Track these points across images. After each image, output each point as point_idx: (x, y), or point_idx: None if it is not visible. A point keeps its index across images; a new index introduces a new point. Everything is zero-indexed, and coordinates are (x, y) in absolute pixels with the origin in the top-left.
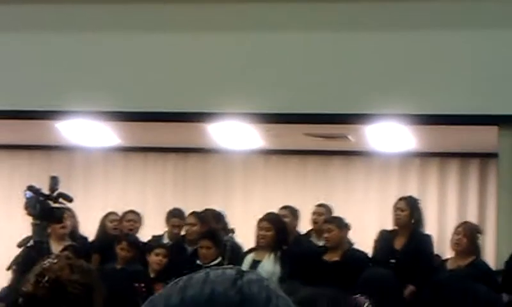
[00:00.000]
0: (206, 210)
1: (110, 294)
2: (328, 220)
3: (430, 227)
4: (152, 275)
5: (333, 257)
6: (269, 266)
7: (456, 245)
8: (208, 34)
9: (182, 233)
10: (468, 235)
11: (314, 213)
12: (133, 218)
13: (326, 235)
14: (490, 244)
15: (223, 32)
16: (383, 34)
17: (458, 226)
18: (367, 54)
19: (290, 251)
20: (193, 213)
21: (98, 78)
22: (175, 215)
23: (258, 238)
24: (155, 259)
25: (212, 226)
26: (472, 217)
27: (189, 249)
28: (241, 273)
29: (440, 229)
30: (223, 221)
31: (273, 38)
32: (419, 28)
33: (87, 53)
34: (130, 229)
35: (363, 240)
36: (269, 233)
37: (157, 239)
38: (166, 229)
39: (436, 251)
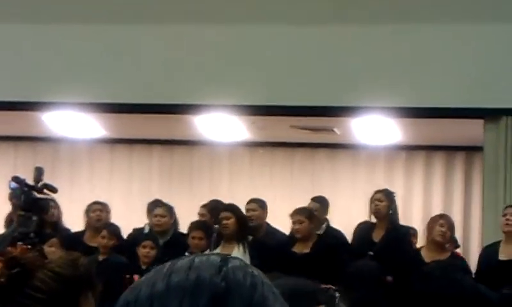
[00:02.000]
0: (212, 201)
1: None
2: (297, 211)
3: (415, 219)
4: (143, 267)
5: (303, 249)
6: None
7: (441, 237)
8: (194, 26)
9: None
10: (451, 228)
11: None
12: (99, 208)
13: (296, 226)
14: (475, 237)
15: (209, 25)
16: (369, 27)
17: (440, 218)
18: (353, 47)
19: (259, 242)
20: (163, 205)
21: (84, 70)
22: (157, 206)
23: (220, 228)
24: (143, 251)
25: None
26: (457, 210)
27: (161, 241)
28: (226, 259)
29: (425, 221)
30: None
31: (260, 31)
32: (405, 21)
33: (73, 45)
34: (98, 220)
35: (349, 232)
36: (230, 221)
37: (139, 232)
38: (147, 221)
39: (420, 243)
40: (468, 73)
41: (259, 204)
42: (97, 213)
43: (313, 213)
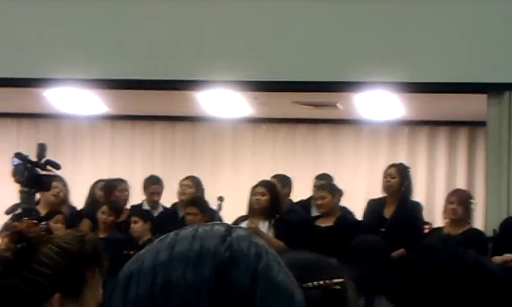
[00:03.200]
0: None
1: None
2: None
3: (419, 195)
4: (140, 243)
5: (326, 223)
6: None
7: (452, 214)
8: (197, 1)
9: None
10: (463, 203)
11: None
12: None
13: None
14: (479, 212)
15: (212, 0)
16: (373, 2)
17: (451, 195)
18: (357, 22)
19: (283, 219)
20: (189, 177)
21: (86, 46)
22: (153, 183)
23: (253, 203)
24: (133, 226)
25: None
26: (460, 185)
27: (181, 214)
28: (230, 229)
29: (428, 196)
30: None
31: (263, 6)
32: None
33: (75, 21)
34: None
35: (353, 207)
36: (264, 198)
37: (137, 207)
38: (144, 197)
39: (425, 218)
40: (471, 48)
41: (279, 180)
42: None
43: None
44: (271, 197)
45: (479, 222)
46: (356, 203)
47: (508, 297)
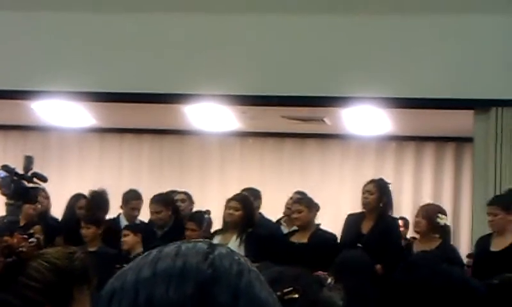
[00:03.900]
0: (245, 189)
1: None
2: (297, 200)
3: (405, 210)
4: (131, 256)
5: (300, 238)
6: (233, 248)
7: (415, 227)
8: (185, 15)
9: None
10: (426, 216)
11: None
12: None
13: (295, 215)
14: (465, 227)
15: (201, 14)
16: (361, 17)
17: (419, 209)
18: (344, 37)
19: (255, 233)
20: (156, 199)
21: (74, 59)
22: (134, 198)
23: (225, 216)
24: (124, 239)
25: (253, 204)
26: (447, 201)
27: (159, 232)
28: (212, 247)
29: (415, 212)
30: (260, 199)
31: (251, 20)
32: (396, 12)
33: (64, 33)
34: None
35: (339, 222)
36: (237, 213)
37: (112, 221)
38: (121, 211)
39: (410, 234)
40: (458, 64)
41: (252, 193)
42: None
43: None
44: (245, 212)
45: (464, 237)
46: (342, 217)
47: None
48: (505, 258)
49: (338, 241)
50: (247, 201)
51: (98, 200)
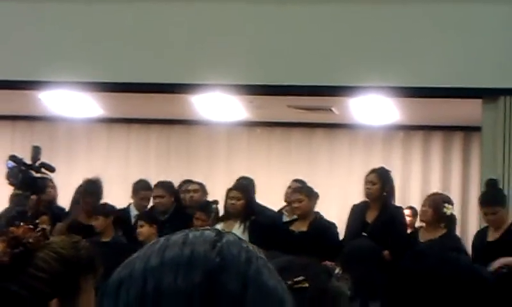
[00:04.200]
0: (240, 178)
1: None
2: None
3: (413, 199)
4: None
5: (300, 227)
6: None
7: (422, 216)
8: (192, 4)
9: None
10: (433, 206)
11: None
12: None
13: (295, 204)
14: (473, 217)
15: (208, 3)
16: (369, 6)
17: (425, 199)
18: (352, 26)
19: (257, 221)
20: (160, 184)
21: (82, 49)
22: (144, 188)
23: (228, 207)
24: (139, 230)
25: (252, 195)
26: (455, 190)
27: (160, 218)
28: (220, 234)
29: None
30: (255, 188)
31: (258, 10)
32: (404, 0)
33: (71, 23)
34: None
35: (346, 211)
36: (239, 202)
37: (122, 211)
38: (132, 201)
39: (418, 223)
40: (466, 52)
41: (249, 182)
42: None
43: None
44: (246, 200)
45: (472, 226)
46: (348, 206)
47: (500, 303)
48: (499, 248)
49: (344, 231)
50: (247, 189)
51: (92, 188)
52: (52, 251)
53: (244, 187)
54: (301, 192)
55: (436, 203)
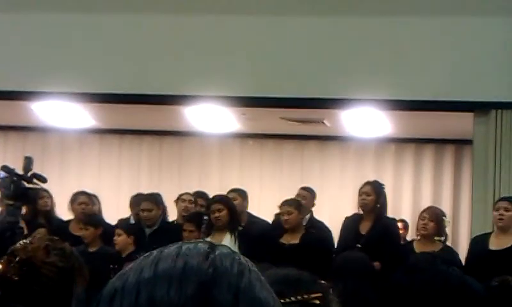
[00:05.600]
0: (232, 190)
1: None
2: (286, 202)
3: (405, 212)
4: (123, 255)
5: (291, 240)
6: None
7: (423, 229)
8: (185, 16)
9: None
10: (435, 219)
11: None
12: (85, 200)
13: (285, 217)
14: (464, 229)
15: (200, 15)
16: (360, 19)
17: (423, 212)
18: (344, 39)
19: (246, 232)
20: (148, 197)
21: (74, 60)
22: (141, 200)
23: (213, 221)
24: (116, 239)
25: (242, 204)
26: (446, 203)
27: (147, 230)
28: (213, 247)
29: (414, 214)
30: (247, 199)
31: (250, 22)
32: (396, 14)
33: (63, 34)
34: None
35: (338, 223)
36: (222, 213)
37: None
38: (130, 212)
39: (410, 235)
40: (458, 66)
41: (239, 194)
42: (82, 206)
43: (301, 204)
44: (228, 210)
45: (463, 239)
46: (340, 219)
47: None
48: (505, 258)
49: (336, 243)
50: (227, 199)
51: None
52: (54, 265)
53: (224, 198)
54: (290, 205)
55: (438, 216)
